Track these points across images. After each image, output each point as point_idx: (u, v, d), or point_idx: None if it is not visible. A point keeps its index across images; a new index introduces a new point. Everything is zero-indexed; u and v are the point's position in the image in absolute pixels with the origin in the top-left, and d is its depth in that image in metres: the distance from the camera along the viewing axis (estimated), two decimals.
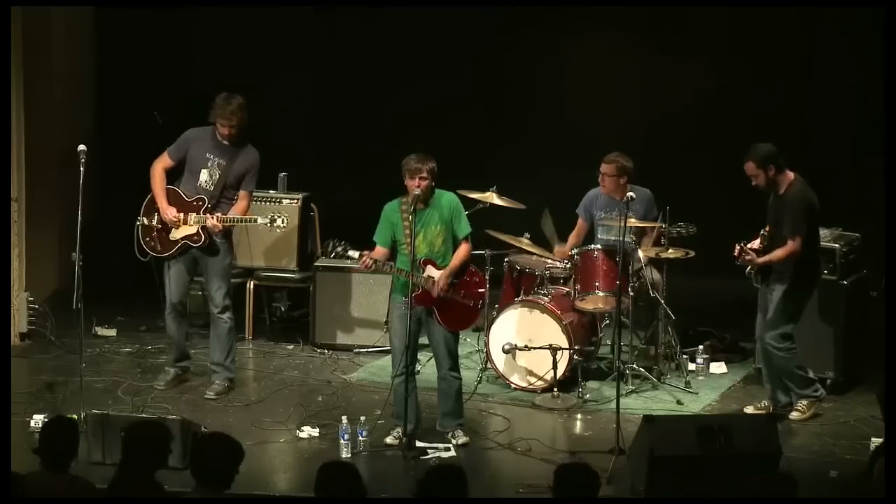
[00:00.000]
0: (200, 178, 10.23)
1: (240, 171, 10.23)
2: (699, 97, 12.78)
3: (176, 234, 10.22)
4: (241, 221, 10.32)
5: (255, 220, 10.29)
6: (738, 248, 9.67)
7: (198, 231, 10.19)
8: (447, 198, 9.46)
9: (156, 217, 10.24)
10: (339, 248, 9.37)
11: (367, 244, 9.51)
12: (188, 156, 10.26)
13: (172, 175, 10.37)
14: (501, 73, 13.17)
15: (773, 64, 12.76)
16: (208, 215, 10.11)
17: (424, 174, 9.28)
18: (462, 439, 9.47)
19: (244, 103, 10.17)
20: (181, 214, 10.17)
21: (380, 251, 9.42)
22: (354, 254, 9.38)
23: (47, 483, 6.80)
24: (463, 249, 9.46)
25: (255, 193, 10.98)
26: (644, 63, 12.94)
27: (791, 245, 9.67)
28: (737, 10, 12.57)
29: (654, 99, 12.93)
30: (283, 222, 10.33)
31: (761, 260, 9.72)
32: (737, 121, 12.49)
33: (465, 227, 9.48)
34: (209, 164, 10.21)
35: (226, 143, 10.21)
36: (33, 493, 6.73)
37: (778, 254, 9.70)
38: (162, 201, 10.21)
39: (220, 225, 10.14)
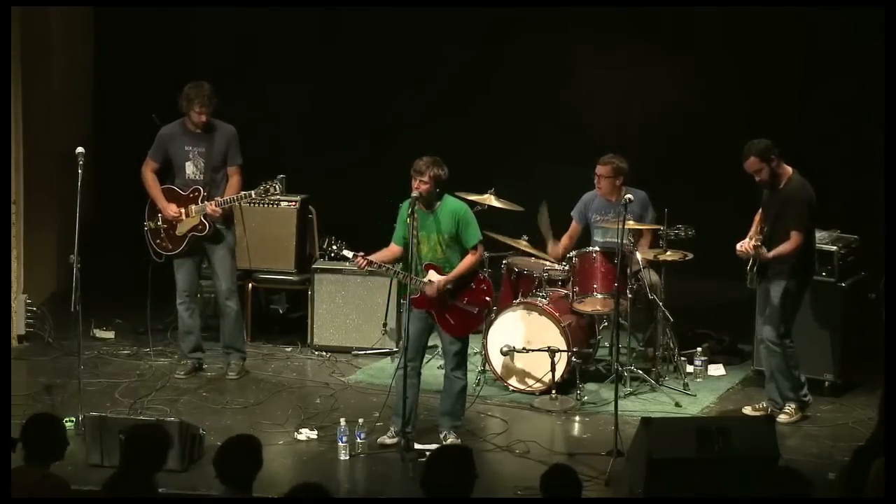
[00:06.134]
0: (187, 172, 10.45)
1: (221, 150, 10.42)
2: (695, 98, 12.79)
3: (182, 229, 10.44)
4: (236, 200, 10.45)
5: (250, 195, 10.41)
6: (749, 244, 9.64)
7: (201, 221, 10.40)
8: (452, 207, 9.34)
9: (159, 218, 10.45)
10: (335, 247, 9.37)
11: (365, 246, 9.50)
12: (169, 153, 10.47)
13: (164, 174, 10.56)
14: (500, 73, 13.18)
15: (770, 64, 12.77)
16: (206, 203, 10.30)
17: (426, 178, 9.19)
18: (452, 440, 9.39)
19: (213, 87, 10.35)
20: (182, 209, 10.40)
21: (393, 249, 9.40)
22: (349, 254, 9.37)
23: (17, 477, 6.69)
24: (468, 258, 9.33)
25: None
26: (640, 63, 12.95)
27: (796, 238, 9.64)
28: (731, 9, 12.58)
29: (650, 99, 12.94)
30: (275, 189, 10.41)
31: (772, 254, 9.67)
32: (734, 121, 12.49)
33: (472, 237, 9.33)
34: (191, 156, 10.43)
35: (198, 130, 10.40)
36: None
37: (786, 248, 9.65)
38: (161, 201, 10.43)
39: (218, 209, 10.33)
